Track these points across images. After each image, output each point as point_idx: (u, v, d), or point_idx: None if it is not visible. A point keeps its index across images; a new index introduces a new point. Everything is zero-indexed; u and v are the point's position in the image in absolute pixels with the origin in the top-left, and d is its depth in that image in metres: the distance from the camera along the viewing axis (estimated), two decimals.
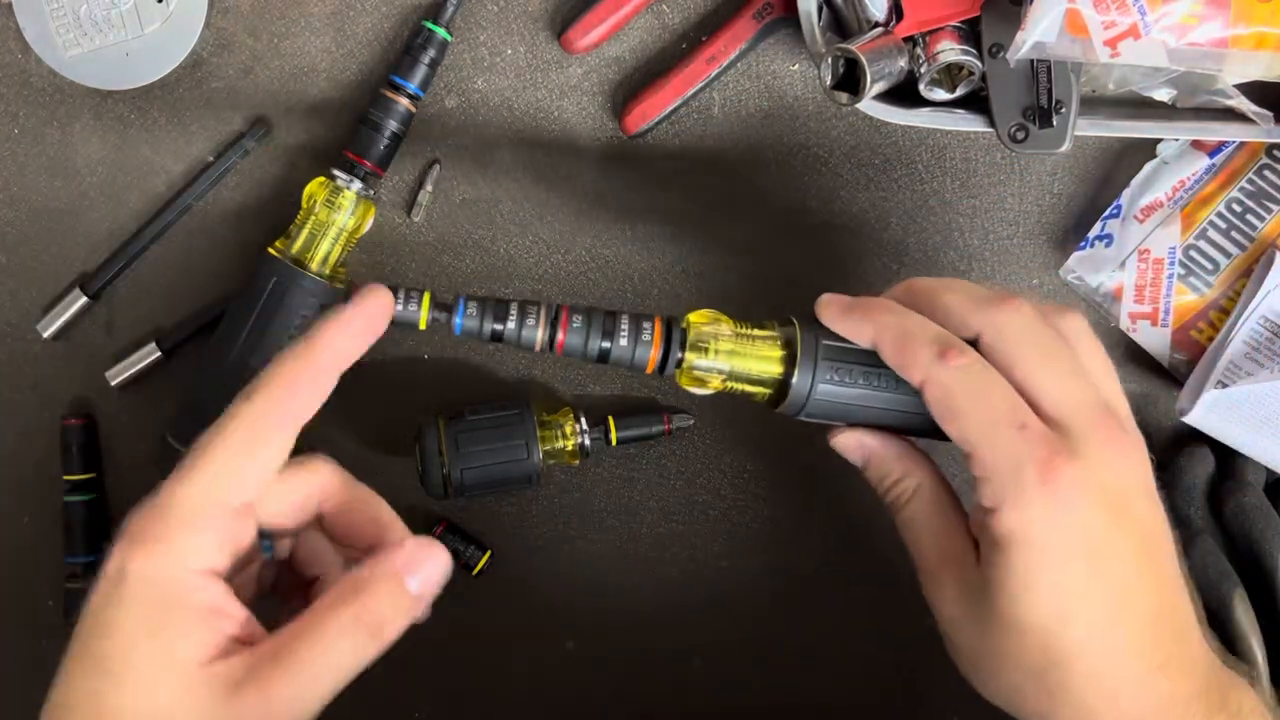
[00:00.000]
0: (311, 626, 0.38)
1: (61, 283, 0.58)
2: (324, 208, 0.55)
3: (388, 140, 0.55)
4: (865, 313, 0.44)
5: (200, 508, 0.38)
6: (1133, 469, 0.42)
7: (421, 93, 0.56)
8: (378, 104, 0.55)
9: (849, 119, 0.58)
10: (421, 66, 0.55)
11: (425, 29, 0.55)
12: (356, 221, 0.56)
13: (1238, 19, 0.48)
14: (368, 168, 0.55)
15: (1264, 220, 0.56)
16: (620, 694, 0.61)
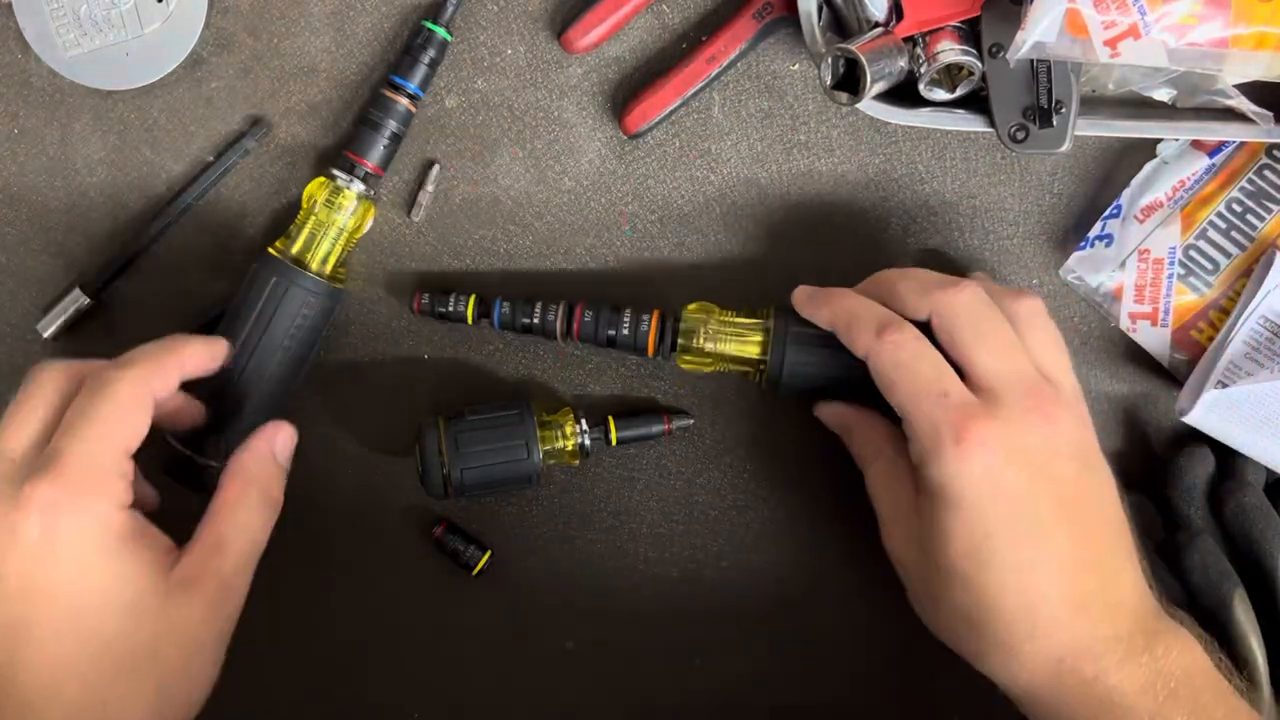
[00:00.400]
0: (230, 511, 0.49)
1: (61, 283, 0.58)
2: (324, 208, 0.55)
3: (387, 140, 0.55)
4: (825, 299, 0.52)
5: (107, 463, 0.46)
6: (1057, 432, 0.47)
7: (421, 93, 0.56)
8: (377, 104, 0.55)
9: (849, 119, 0.58)
10: (421, 66, 0.55)
11: (425, 29, 0.55)
12: (357, 221, 0.56)
13: (1238, 19, 0.48)
14: (368, 168, 0.55)
15: (1264, 220, 0.56)
16: (620, 694, 0.61)
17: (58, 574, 0.44)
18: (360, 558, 0.60)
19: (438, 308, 0.57)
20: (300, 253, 0.55)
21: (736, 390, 0.60)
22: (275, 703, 0.61)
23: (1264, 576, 0.54)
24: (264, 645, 0.60)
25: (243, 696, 0.61)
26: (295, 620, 0.60)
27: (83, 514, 0.45)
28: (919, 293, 0.50)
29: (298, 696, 0.61)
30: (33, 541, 0.44)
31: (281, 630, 0.60)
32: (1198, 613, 0.54)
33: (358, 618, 0.60)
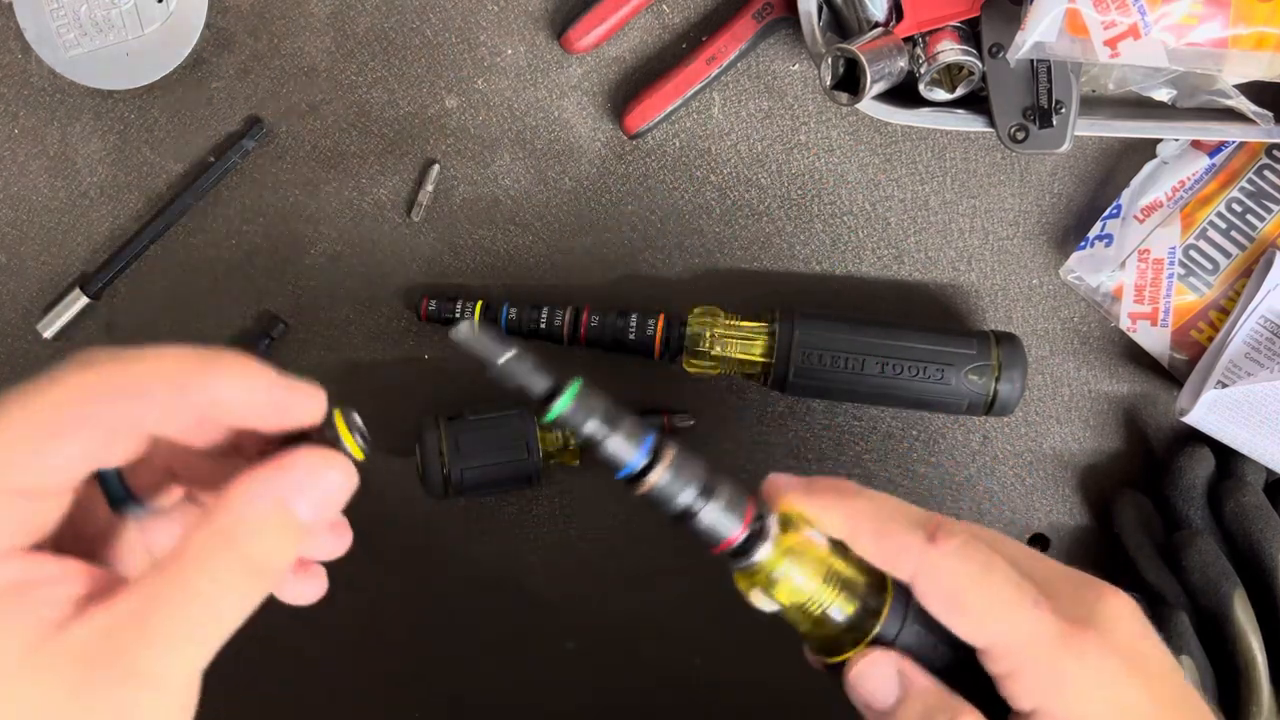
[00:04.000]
0: (181, 573, 0.30)
1: (62, 283, 0.58)
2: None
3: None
4: (832, 497, 0.38)
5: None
6: (1128, 611, 0.37)
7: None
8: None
9: (849, 119, 0.58)
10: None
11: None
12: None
13: (1237, 19, 0.48)
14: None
15: (1264, 220, 0.56)
16: (620, 694, 0.61)
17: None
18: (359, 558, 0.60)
19: (443, 313, 0.57)
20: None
21: (736, 390, 0.60)
22: (275, 704, 0.61)
23: (1264, 576, 0.54)
24: (261, 646, 0.60)
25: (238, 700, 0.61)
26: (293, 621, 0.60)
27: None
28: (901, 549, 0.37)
29: (297, 698, 0.61)
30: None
31: (280, 631, 0.60)
32: (1197, 613, 0.54)
33: (357, 618, 0.60)
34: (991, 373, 0.54)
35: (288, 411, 0.34)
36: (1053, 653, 0.35)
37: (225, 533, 0.31)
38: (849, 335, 0.54)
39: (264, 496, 0.32)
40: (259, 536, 0.31)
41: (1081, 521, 0.61)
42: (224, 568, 0.30)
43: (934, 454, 0.61)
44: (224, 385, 0.32)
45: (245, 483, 0.32)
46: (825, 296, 0.60)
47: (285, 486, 0.32)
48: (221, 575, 0.30)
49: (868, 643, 0.37)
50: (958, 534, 0.36)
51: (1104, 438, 0.61)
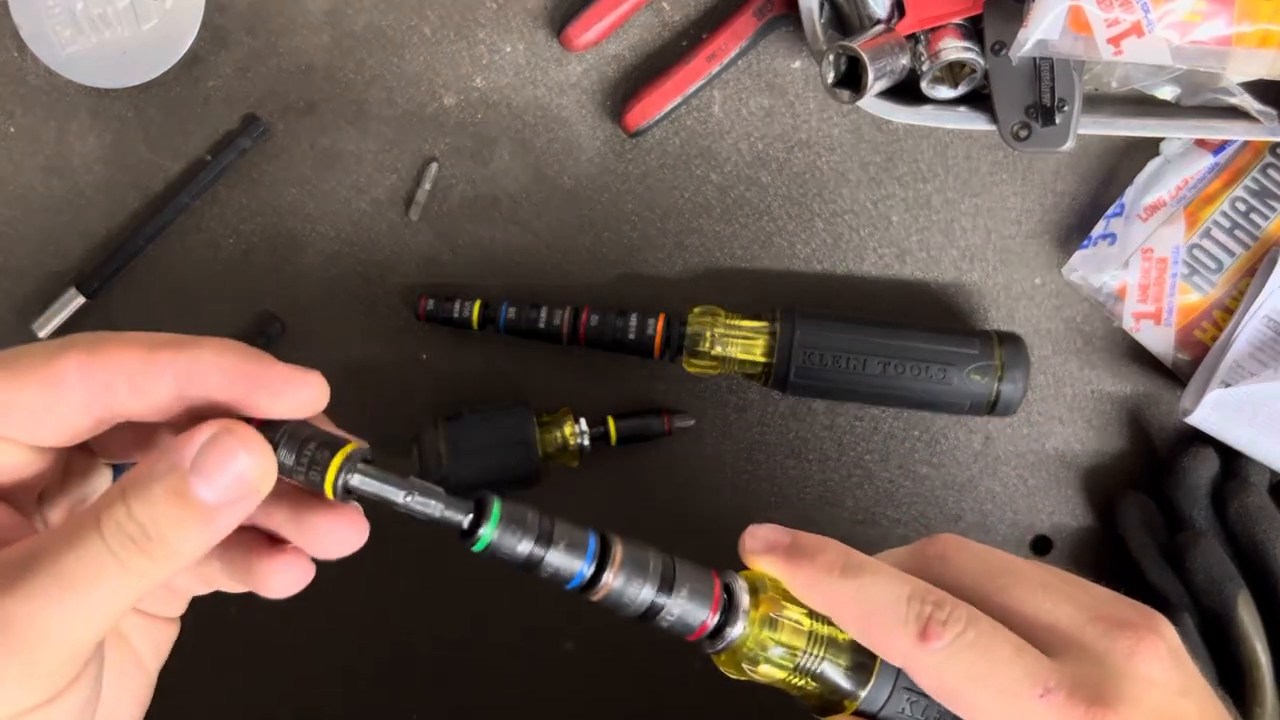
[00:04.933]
0: (68, 535, 0.28)
1: (58, 282, 0.58)
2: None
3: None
4: (811, 577, 0.35)
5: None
6: (1164, 664, 0.34)
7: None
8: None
9: (850, 117, 0.58)
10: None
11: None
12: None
13: (1241, 17, 0.47)
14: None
15: (1268, 219, 0.56)
16: (620, 694, 0.61)
17: None
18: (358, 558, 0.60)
19: (442, 313, 0.57)
20: None
21: (736, 390, 0.60)
22: (274, 704, 0.60)
23: (1267, 577, 0.54)
24: (259, 648, 0.60)
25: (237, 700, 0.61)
26: (291, 621, 0.60)
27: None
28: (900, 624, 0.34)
29: (296, 698, 0.61)
30: None
31: (277, 631, 0.60)
32: (1201, 614, 0.54)
33: (355, 619, 0.60)
34: (994, 372, 0.54)
35: (271, 392, 0.32)
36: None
37: (117, 499, 0.29)
38: (850, 335, 0.54)
39: (165, 466, 0.29)
40: (151, 509, 0.29)
41: (1084, 522, 0.61)
42: (112, 536, 0.29)
43: (936, 454, 0.60)
44: (199, 353, 0.32)
45: (148, 458, 0.30)
46: (826, 296, 0.59)
47: (182, 459, 0.29)
48: (111, 543, 0.28)
49: (856, 709, 0.35)
50: (953, 625, 0.33)
51: (1107, 438, 0.60)
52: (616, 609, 0.35)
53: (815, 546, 0.36)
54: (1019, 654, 0.33)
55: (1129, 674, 0.33)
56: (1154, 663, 0.33)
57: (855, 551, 0.36)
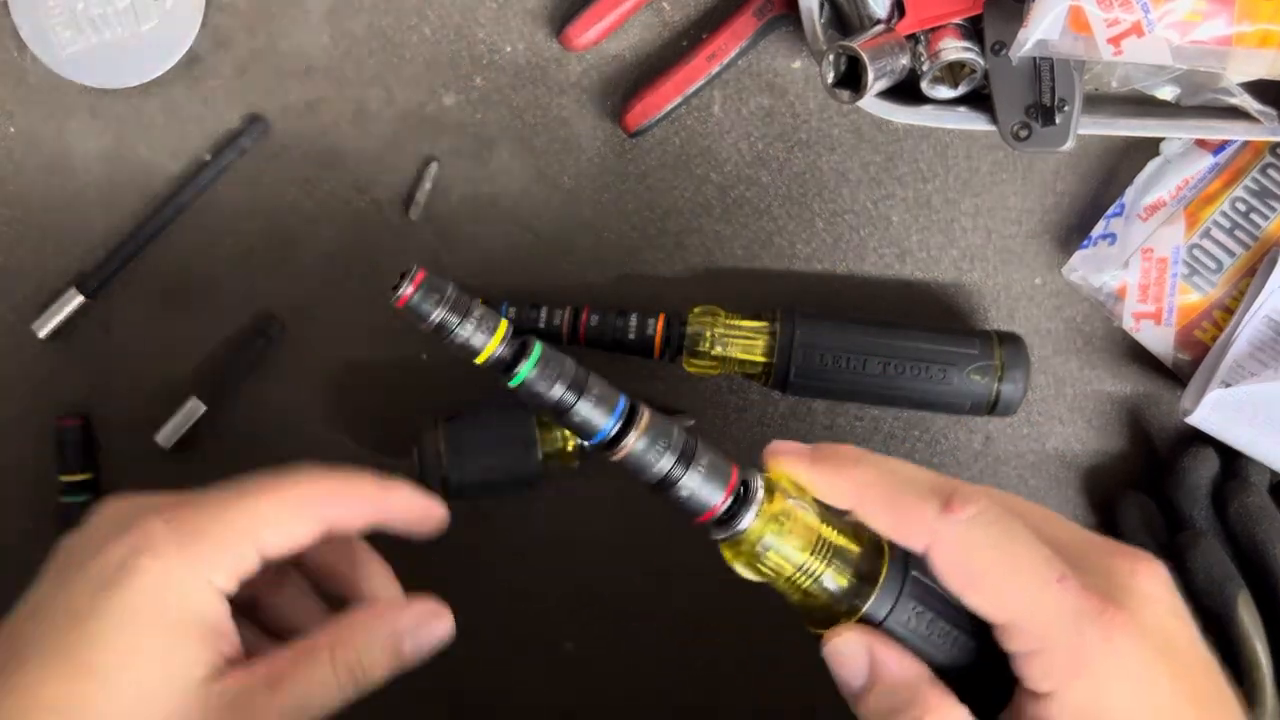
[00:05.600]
0: (306, 657, 0.39)
1: (58, 282, 0.58)
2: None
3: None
4: (836, 466, 0.37)
5: (241, 533, 0.39)
6: (1161, 589, 0.34)
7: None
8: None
9: (851, 117, 0.58)
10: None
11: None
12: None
13: (1242, 16, 0.47)
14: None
15: (1268, 219, 0.56)
16: (620, 694, 0.61)
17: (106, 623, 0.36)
18: None
19: None
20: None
21: (737, 390, 0.60)
22: None
23: (1267, 577, 0.54)
24: None
25: None
26: None
27: (185, 570, 0.38)
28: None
29: None
30: (106, 576, 0.37)
31: None
32: (1201, 614, 0.54)
33: None
34: (994, 373, 0.54)
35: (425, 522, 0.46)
36: (1078, 633, 0.32)
37: (347, 638, 0.40)
38: (850, 335, 0.54)
39: (387, 626, 0.41)
40: (371, 652, 0.40)
41: (1085, 522, 0.61)
42: (340, 665, 0.40)
43: (936, 455, 0.60)
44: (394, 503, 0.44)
45: (371, 612, 0.42)
46: (826, 296, 0.59)
47: (404, 624, 0.42)
48: (337, 669, 0.39)
49: (859, 618, 0.35)
50: (976, 500, 0.34)
51: (1107, 438, 0.60)
52: (636, 473, 0.35)
53: (836, 447, 0.37)
54: (1035, 538, 0.34)
55: (1131, 588, 0.33)
56: (1154, 582, 0.34)
57: (863, 454, 0.37)
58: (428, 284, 0.34)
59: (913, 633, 0.35)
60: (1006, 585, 0.33)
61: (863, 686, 0.36)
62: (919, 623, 0.35)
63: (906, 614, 0.35)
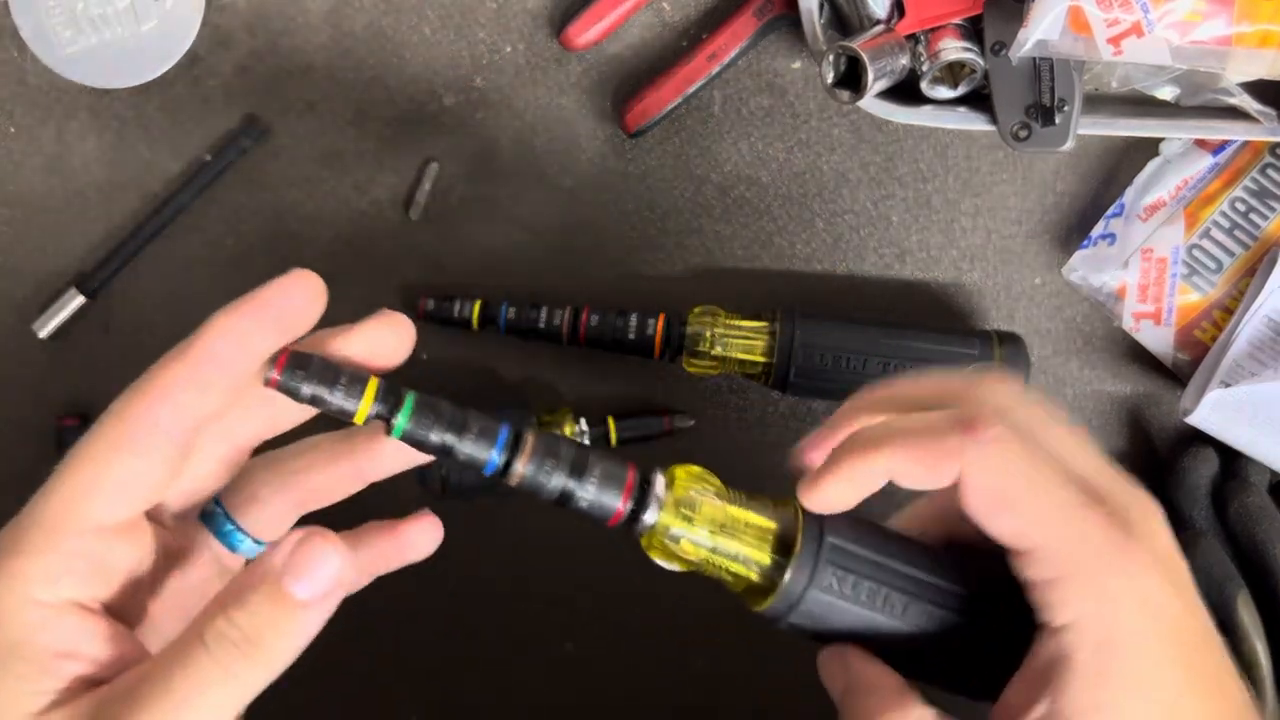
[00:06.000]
0: (174, 653, 0.30)
1: (58, 282, 0.58)
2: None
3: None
4: (861, 461, 0.35)
5: (54, 528, 0.31)
6: (1163, 522, 0.34)
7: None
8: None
9: (850, 117, 0.58)
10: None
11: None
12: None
13: (1241, 17, 0.47)
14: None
15: (1268, 219, 0.56)
16: (620, 694, 0.61)
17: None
18: None
19: (442, 313, 0.57)
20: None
21: (737, 390, 0.60)
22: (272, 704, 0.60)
23: (1268, 577, 0.54)
24: None
25: None
26: None
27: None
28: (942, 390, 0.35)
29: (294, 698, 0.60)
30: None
31: None
32: None
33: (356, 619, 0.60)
34: None
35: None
36: (1100, 562, 0.32)
37: (217, 611, 0.30)
38: (850, 335, 0.54)
39: (260, 574, 0.31)
40: (251, 616, 0.31)
41: None
42: (216, 646, 0.30)
43: None
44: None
45: (248, 570, 0.31)
46: (826, 296, 0.59)
47: (280, 564, 0.31)
48: (215, 654, 0.30)
49: (781, 589, 0.36)
50: (997, 421, 0.33)
51: (1107, 438, 0.60)
52: (534, 493, 0.36)
53: (850, 444, 0.36)
54: (1062, 466, 0.33)
55: (1146, 523, 0.33)
56: (1162, 522, 0.34)
57: (872, 428, 0.36)
58: (292, 362, 0.34)
59: (840, 596, 0.36)
60: (1031, 510, 0.33)
61: (842, 692, 0.37)
62: (841, 586, 0.36)
63: (828, 579, 0.36)
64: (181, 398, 0.32)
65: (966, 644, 0.36)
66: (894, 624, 0.36)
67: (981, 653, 0.35)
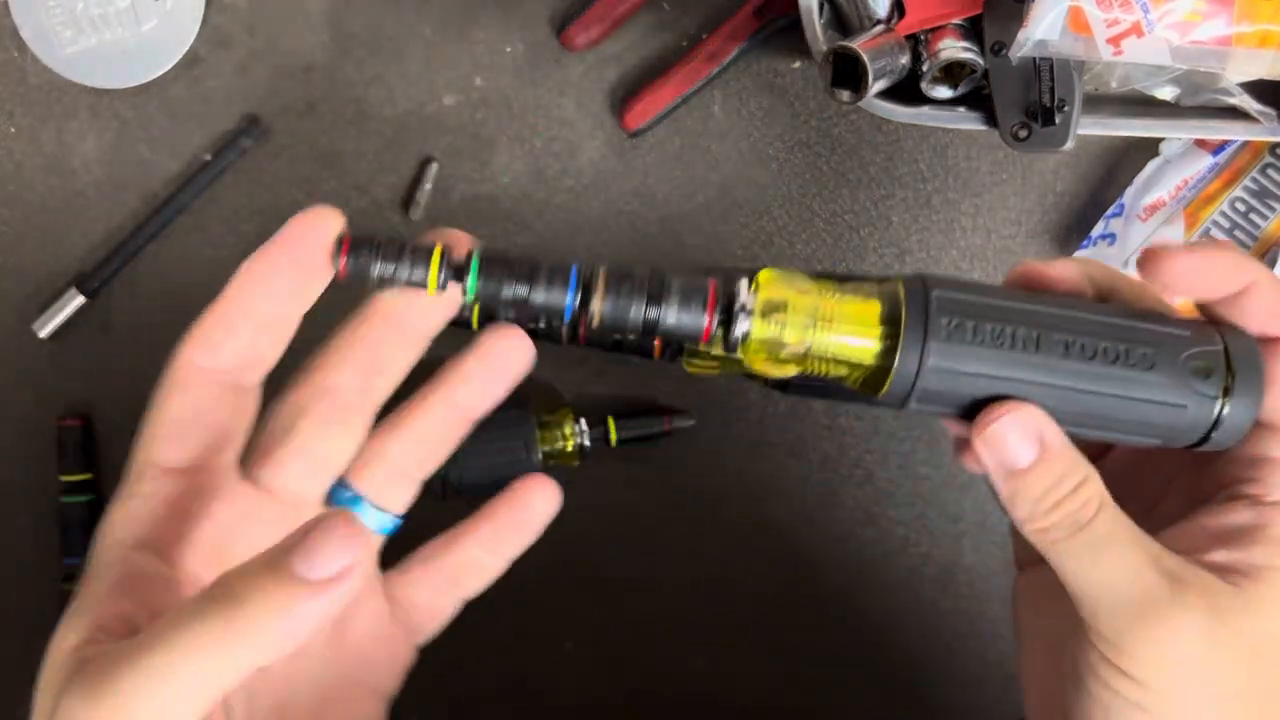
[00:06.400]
0: (172, 623, 0.28)
1: (58, 282, 0.58)
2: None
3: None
4: (1239, 253, 0.34)
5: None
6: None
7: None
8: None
9: (850, 117, 0.58)
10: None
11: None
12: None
13: (1241, 17, 0.47)
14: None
15: (1268, 219, 0.56)
16: (620, 694, 0.61)
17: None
18: None
19: None
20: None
21: (737, 390, 0.60)
22: None
23: None
24: None
25: None
26: None
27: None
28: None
29: None
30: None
31: None
32: None
33: None
34: None
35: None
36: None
37: (221, 591, 0.28)
38: None
39: (266, 557, 0.29)
40: (250, 598, 0.28)
41: None
42: (214, 624, 0.28)
43: (936, 455, 0.60)
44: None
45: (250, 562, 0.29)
46: None
47: (289, 548, 0.28)
48: (212, 631, 0.28)
49: (900, 358, 0.32)
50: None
51: None
52: (617, 330, 0.35)
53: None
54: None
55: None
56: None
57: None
58: (356, 246, 0.35)
59: (962, 342, 0.32)
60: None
61: (1030, 464, 0.32)
62: (961, 332, 0.33)
63: (943, 330, 0.32)
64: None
65: (1117, 378, 0.32)
66: (1033, 363, 0.32)
67: (1139, 386, 0.32)
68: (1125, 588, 0.31)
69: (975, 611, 0.61)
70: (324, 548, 0.28)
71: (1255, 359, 0.33)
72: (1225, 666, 0.32)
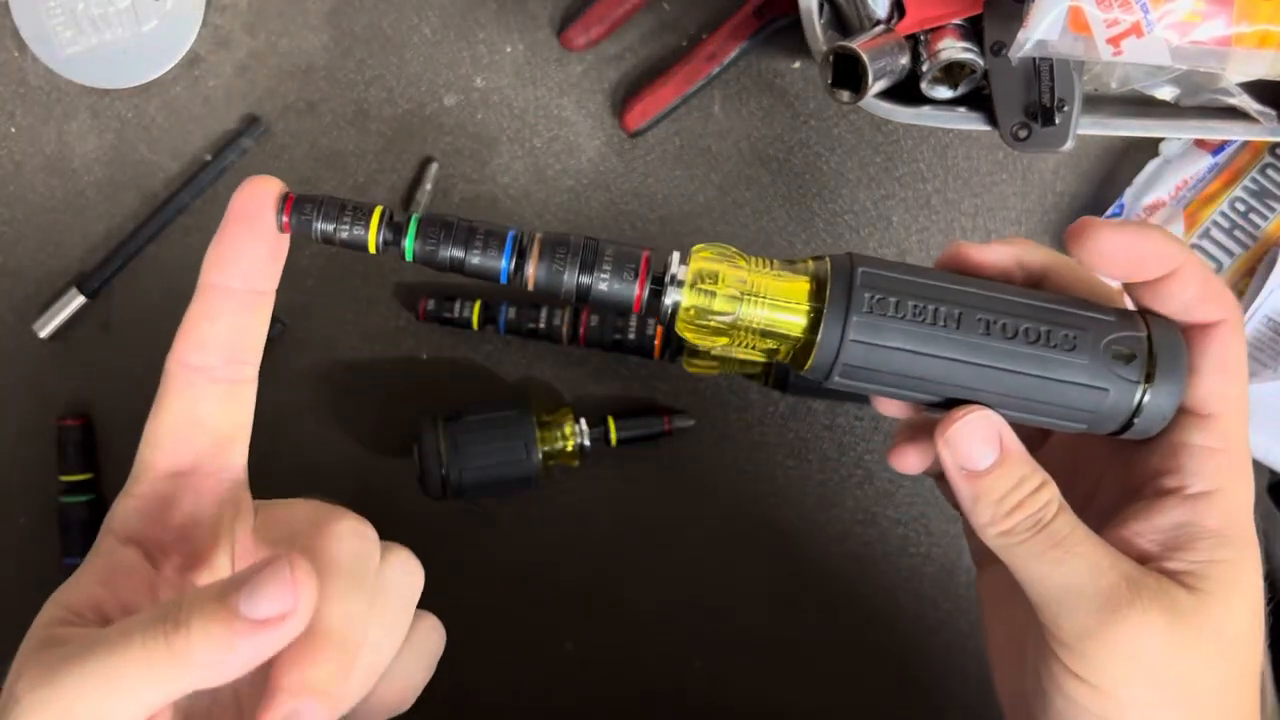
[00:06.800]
0: (123, 633, 0.29)
1: (58, 282, 0.58)
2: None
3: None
4: (1167, 233, 0.34)
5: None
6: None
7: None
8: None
9: (850, 117, 0.58)
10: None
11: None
12: None
13: (1241, 17, 0.47)
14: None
15: (1267, 219, 0.56)
16: (620, 694, 0.61)
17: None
18: None
19: (443, 313, 0.57)
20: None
21: (737, 390, 0.60)
22: None
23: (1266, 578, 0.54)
24: None
25: None
26: None
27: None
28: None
29: None
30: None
31: None
32: None
33: None
34: None
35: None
36: (1246, 446, 0.34)
37: (172, 610, 0.29)
38: None
39: (212, 588, 0.29)
40: (190, 623, 0.28)
41: None
42: (153, 643, 0.28)
43: None
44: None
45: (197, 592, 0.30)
46: None
47: (235, 578, 0.29)
48: (150, 650, 0.28)
49: (822, 330, 0.33)
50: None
51: None
52: (550, 294, 0.36)
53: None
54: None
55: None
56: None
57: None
58: (299, 204, 0.36)
59: (883, 316, 0.33)
60: (1235, 383, 0.34)
61: (990, 466, 0.33)
62: (883, 307, 0.33)
63: (866, 303, 0.33)
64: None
65: (1037, 358, 0.33)
66: (952, 340, 0.33)
67: (1060, 366, 0.33)
68: (1088, 588, 0.32)
69: (975, 611, 0.61)
70: (267, 589, 0.28)
71: (1178, 347, 0.33)
72: (1184, 668, 0.32)
